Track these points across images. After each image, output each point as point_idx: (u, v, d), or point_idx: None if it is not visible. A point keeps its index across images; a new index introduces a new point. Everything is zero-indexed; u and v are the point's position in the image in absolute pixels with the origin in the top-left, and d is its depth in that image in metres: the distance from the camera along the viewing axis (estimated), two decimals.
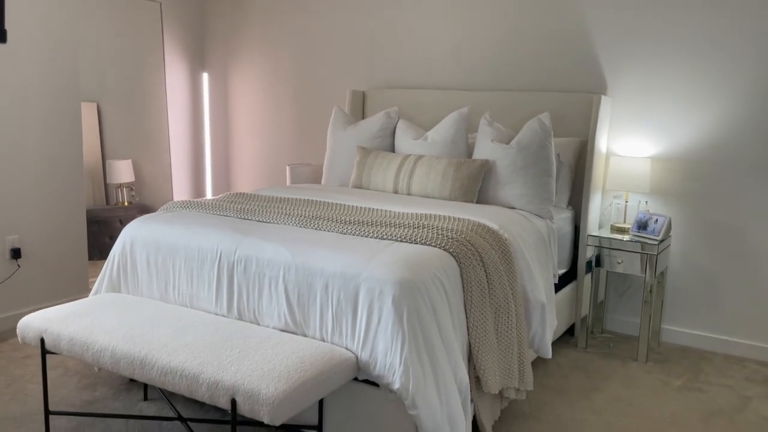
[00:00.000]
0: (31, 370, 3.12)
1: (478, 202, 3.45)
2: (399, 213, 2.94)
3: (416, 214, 2.92)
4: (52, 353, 2.44)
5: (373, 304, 2.24)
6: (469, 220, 2.85)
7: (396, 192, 3.58)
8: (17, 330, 2.52)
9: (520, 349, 2.69)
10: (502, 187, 3.37)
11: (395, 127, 3.93)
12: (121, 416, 2.45)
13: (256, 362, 2.10)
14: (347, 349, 2.30)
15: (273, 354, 2.16)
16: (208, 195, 5.44)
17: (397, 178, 3.56)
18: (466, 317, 2.45)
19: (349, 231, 2.63)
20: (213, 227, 2.72)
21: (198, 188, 5.52)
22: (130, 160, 5.63)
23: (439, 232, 2.60)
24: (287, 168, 4.66)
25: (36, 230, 3.74)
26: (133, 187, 5.70)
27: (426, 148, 3.70)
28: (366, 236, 2.57)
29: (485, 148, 3.47)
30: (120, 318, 2.47)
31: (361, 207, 3.07)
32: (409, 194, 3.53)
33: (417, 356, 2.18)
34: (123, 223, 5.41)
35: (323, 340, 2.36)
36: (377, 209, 3.02)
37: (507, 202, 3.36)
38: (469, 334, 2.45)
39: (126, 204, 5.61)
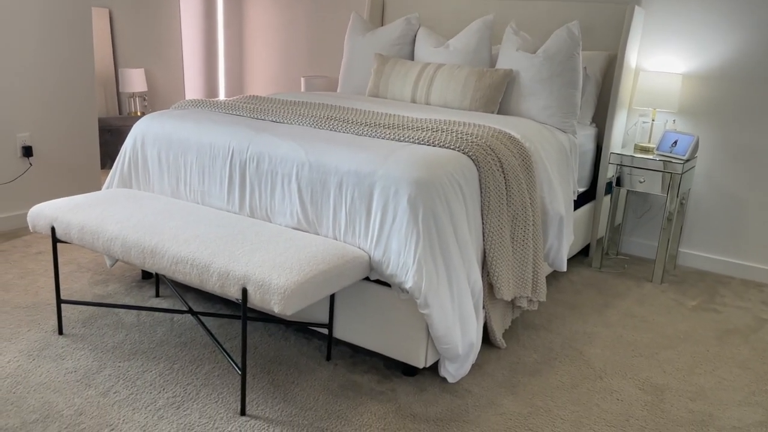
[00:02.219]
0: (43, 265, 3.13)
1: (500, 113, 3.33)
2: (417, 118, 2.84)
3: (435, 119, 2.82)
4: (63, 242, 2.42)
5: (388, 203, 2.18)
6: (489, 126, 2.75)
7: (414, 101, 3.47)
8: (28, 218, 2.50)
9: (535, 259, 2.64)
10: (525, 99, 3.25)
11: (415, 35, 3.77)
12: (133, 307, 2.45)
13: (267, 254, 2.06)
14: (360, 248, 2.26)
15: (285, 248, 2.12)
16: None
17: (416, 87, 3.44)
18: (483, 222, 2.39)
19: (365, 132, 2.54)
20: (225, 124, 2.64)
21: (210, 96, 5.42)
22: (142, 69, 5.52)
23: (459, 136, 2.51)
24: (302, 80, 4.54)
25: (48, 130, 3.69)
26: (146, 97, 5.61)
27: (447, 56, 3.55)
28: (382, 138, 2.49)
29: (509, 58, 3.33)
30: (131, 209, 2.43)
31: (377, 111, 2.97)
32: (427, 104, 3.42)
33: (431, 256, 2.14)
34: None
35: (336, 239, 2.32)
36: (394, 114, 2.93)
37: (529, 114, 3.24)
38: (484, 240, 2.40)
39: (138, 114, 5.53)
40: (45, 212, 2.45)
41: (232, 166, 2.53)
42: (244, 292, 1.96)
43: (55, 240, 2.43)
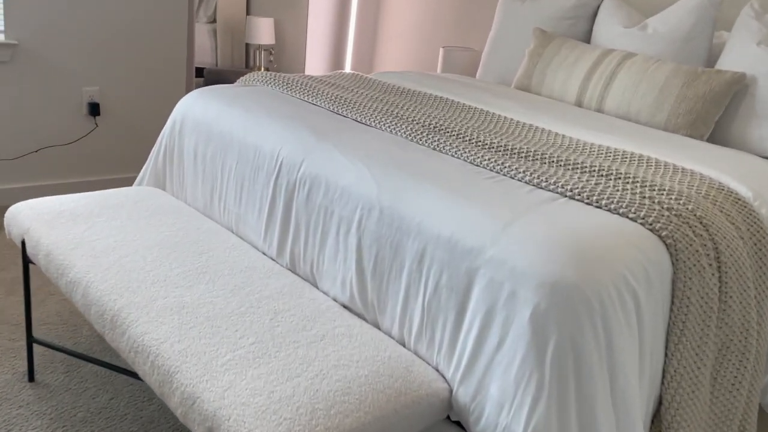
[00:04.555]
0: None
1: (713, 140, 2.18)
2: (578, 142, 1.80)
3: (608, 148, 1.76)
4: (33, 263, 1.72)
5: (495, 311, 1.21)
6: (699, 174, 1.65)
7: (580, 105, 2.38)
8: (4, 219, 1.82)
9: (747, 409, 1.55)
10: (759, 123, 2.06)
11: (599, 6, 2.65)
12: (111, 367, 1.70)
13: (271, 371, 1.19)
14: (438, 370, 1.32)
15: (309, 357, 1.24)
16: (347, 68, 4.50)
17: (586, 84, 2.34)
18: (666, 354, 1.35)
19: (485, 162, 1.56)
20: (282, 119, 1.77)
21: (337, 61, 4.61)
22: (272, 19, 4.82)
23: (646, 192, 1.45)
24: (441, 51, 3.56)
25: (120, 84, 3.06)
26: (273, 51, 4.91)
27: (642, 42, 2.41)
28: (512, 176, 1.50)
29: (742, 55, 2.14)
30: (126, 232, 1.66)
31: (518, 122, 1.95)
32: (599, 111, 2.33)
33: (559, 423, 1.16)
34: None
35: (402, 343, 1.40)
36: (543, 130, 1.89)
37: (763, 148, 2.06)
38: (664, 384, 1.36)
39: (263, 70, 4.86)
40: (20, 217, 1.75)
41: (276, 188, 1.67)
42: None
43: (26, 260, 1.73)
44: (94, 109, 2.99)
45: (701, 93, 2.10)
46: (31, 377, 1.83)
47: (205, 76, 4.71)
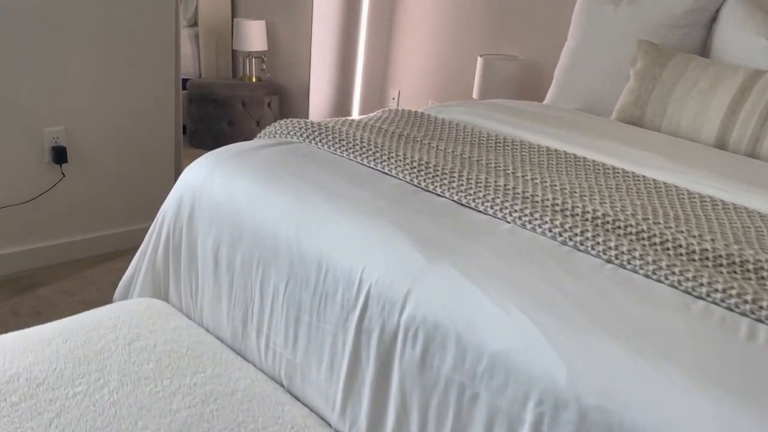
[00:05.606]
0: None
1: None
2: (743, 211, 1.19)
3: None
4: None
5: None
6: None
7: (722, 146, 1.77)
8: None
9: None
10: None
11: (718, 10, 2.04)
12: None
13: None
14: None
15: None
16: (357, 80, 3.85)
17: (732, 119, 1.73)
18: None
19: (733, 301, 0.95)
20: (356, 211, 1.14)
21: (344, 70, 3.96)
22: (263, 22, 4.15)
23: None
24: (479, 60, 2.95)
25: (92, 120, 2.38)
26: (265, 59, 4.24)
27: None
28: None
29: None
30: (120, 417, 1.03)
31: (689, 193, 1.32)
32: (753, 156, 1.72)
33: None
34: (247, 107, 4.04)
35: None
36: (726, 205, 1.27)
37: None
38: None
39: (254, 80, 4.20)
40: None
41: (361, 334, 1.04)
42: None
43: None
44: (60, 155, 2.32)
45: None
46: None
47: (188, 89, 4.04)
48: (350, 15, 3.85)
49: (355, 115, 3.90)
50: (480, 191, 1.21)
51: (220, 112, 4.03)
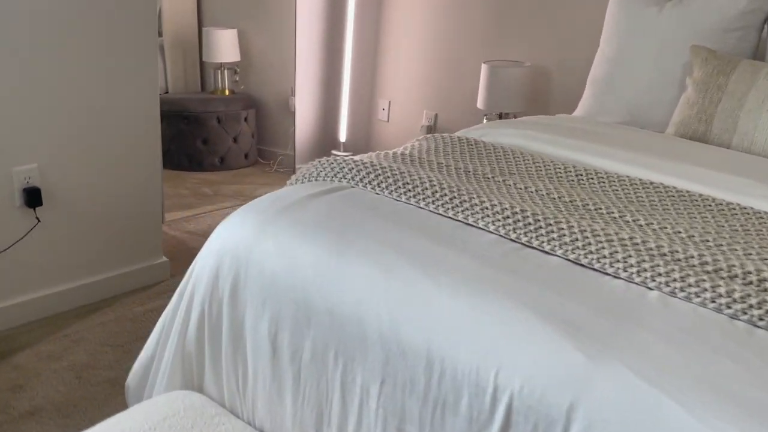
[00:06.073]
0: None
1: None
2: None
3: None
4: None
5: None
6: None
7: None
8: None
9: None
10: None
11: None
12: None
13: None
14: None
15: None
16: (344, 89, 3.58)
17: None
18: None
19: None
20: (474, 293, 0.90)
21: (329, 80, 3.70)
22: (235, 30, 3.85)
23: None
24: (483, 67, 2.73)
25: (69, 155, 2.07)
26: (238, 70, 3.94)
27: None
28: None
29: None
30: None
31: None
32: None
33: None
34: (222, 123, 3.75)
35: None
36: None
37: None
38: None
39: (227, 93, 3.90)
40: None
41: None
42: None
43: None
44: (33, 198, 2.00)
45: None
46: None
47: None
48: (334, 22, 3.59)
49: (344, 128, 3.64)
50: (601, 247, 0.99)
51: (194, 129, 3.72)
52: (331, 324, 0.96)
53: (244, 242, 1.09)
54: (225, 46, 3.91)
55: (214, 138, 3.75)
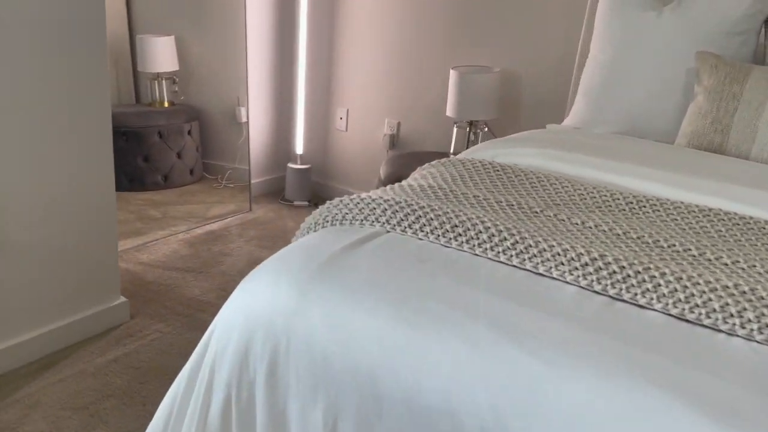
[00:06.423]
0: None
1: None
2: None
3: None
4: None
5: None
6: None
7: None
8: None
9: None
10: None
11: None
12: None
13: None
14: None
15: None
16: (299, 96, 3.37)
17: None
18: None
19: None
20: (587, 370, 0.75)
21: (281, 88, 3.48)
22: (172, 37, 3.57)
23: None
24: (452, 73, 2.60)
25: (15, 190, 1.78)
26: (177, 80, 3.66)
27: None
28: None
29: None
30: None
31: None
32: None
33: None
34: (164, 137, 3.47)
35: None
36: None
37: None
38: None
39: (166, 105, 3.61)
40: None
41: None
42: None
43: None
44: None
45: None
46: None
47: None
48: (285, 25, 3.37)
49: (300, 138, 3.43)
50: (708, 299, 0.86)
51: (134, 146, 3.42)
52: (410, 416, 0.79)
53: (282, 311, 0.90)
54: (162, 55, 3.63)
55: (156, 154, 3.46)
